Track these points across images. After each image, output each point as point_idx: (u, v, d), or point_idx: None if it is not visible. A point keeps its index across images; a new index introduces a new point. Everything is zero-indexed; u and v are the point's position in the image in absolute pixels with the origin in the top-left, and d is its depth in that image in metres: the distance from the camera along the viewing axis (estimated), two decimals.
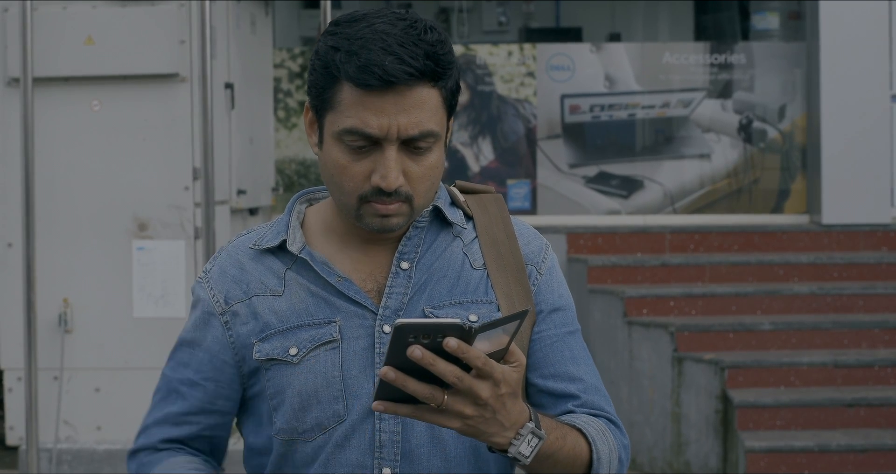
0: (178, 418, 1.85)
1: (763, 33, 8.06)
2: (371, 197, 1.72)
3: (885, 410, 6.06)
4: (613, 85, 7.76)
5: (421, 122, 1.69)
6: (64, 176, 5.80)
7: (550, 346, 1.84)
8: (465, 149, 7.73)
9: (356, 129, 1.69)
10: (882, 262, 6.97)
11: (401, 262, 1.81)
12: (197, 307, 1.86)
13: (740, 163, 7.72)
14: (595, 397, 1.85)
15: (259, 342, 1.80)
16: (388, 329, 1.77)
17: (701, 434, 6.25)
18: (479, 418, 1.54)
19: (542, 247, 1.89)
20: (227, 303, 1.82)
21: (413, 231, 1.82)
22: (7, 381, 5.94)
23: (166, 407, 1.86)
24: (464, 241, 1.85)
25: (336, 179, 1.74)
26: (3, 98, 5.84)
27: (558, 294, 1.88)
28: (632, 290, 6.71)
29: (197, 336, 1.85)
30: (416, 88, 1.68)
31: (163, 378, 1.87)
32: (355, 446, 1.76)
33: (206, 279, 1.86)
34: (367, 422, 1.76)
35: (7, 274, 5.83)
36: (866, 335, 6.48)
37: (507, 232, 1.87)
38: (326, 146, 1.75)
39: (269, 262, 1.84)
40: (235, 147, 6.34)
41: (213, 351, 1.83)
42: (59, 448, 5.76)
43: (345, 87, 1.69)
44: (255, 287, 1.82)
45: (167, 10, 5.75)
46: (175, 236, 5.74)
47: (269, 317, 1.80)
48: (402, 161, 1.71)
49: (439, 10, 10.31)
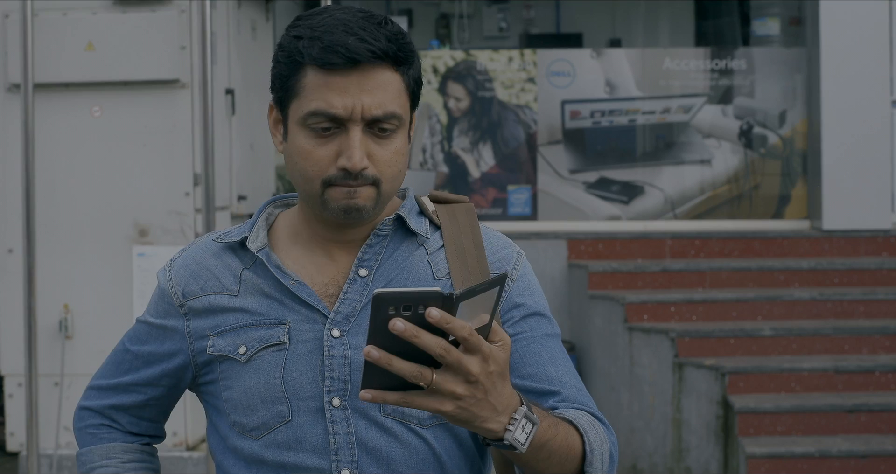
0: (128, 387, 1.94)
1: (763, 39, 8.07)
2: (336, 180, 1.73)
3: (886, 416, 6.05)
4: (614, 91, 7.76)
5: (384, 103, 1.71)
6: (64, 182, 5.81)
7: (528, 348, 1.82)
8: (465, 155, 7.73)
9: (321, 111, 1.71)
10: (883, 268, 6.96)
11: (359, 269, 1.81)
12: (157, 293, 1.92)
13: (741, 168, 7.72)
14: (577, 395, 1.81)
15: (214, 336, 1.83)
16: (336, 333, 1.77)
17: (702, 439, 6.25)
18: (471, 399, 1.46)
19: (513, 256, 1.87)
20: (185, 296, 1.86)
21: (375, 239, 1.82)
22: (7, 387, 5.93)
23: (118, 375, 1.95)
24: (428, 250, 1.85)
25: (300, 166, 1.75)
26: (4, 104, 5.85)
27: (533, 300, 1.86)
28: (632, 296, 6.71)
29: (156, 320, 1.90)
30: (378, 69, 1.71)
31: (121, 344, 1.96)
32: (308, 449, 1.76)
33: (169, 269, 1.90)
34: (319, 425, 1.76)
35: (7, 280, 5.84)
36: (867, 341, 6.48)
37: (475, 241, 1.86)
38: (291, 136, 1.76)
39: (229, 260, 1.86)
40: (236, 153, 6.35)
41: (168, 337, 1.89)
42: (59, 454, 5.76)
43: (308, 71, 1.72)
44: (211, 285, 1.85)
45: (167, 16, 5.75)
46: (176, 242, 5.74)
47: (222, 314, 1.83)
48: (366, 144, 1.72)
49: (440, 15, 10.32)
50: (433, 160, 7.71)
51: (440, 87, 7.77)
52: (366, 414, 1.76)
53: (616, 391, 6.66)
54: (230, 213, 6.15)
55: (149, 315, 1.92)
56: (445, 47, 8.53)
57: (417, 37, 9.69)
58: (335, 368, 1.76)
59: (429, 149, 7.72)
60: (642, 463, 6.49)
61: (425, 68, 7.70)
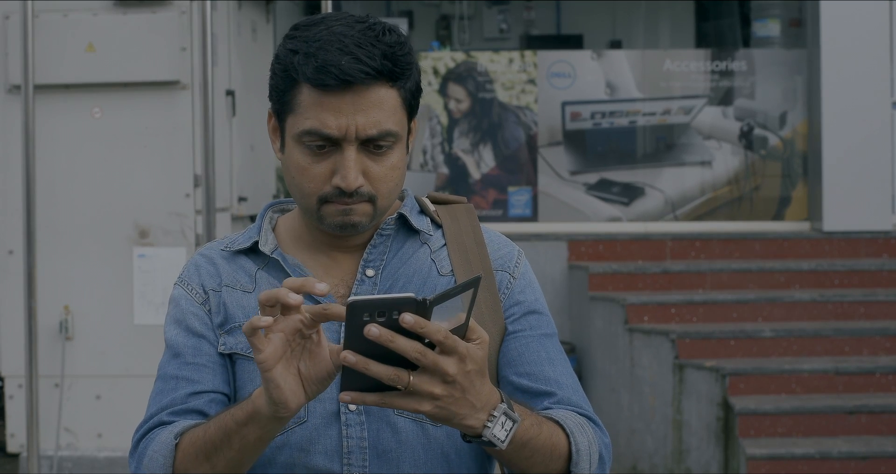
0: (181, 401, 1.77)
1: (764, 40, 8.07)
2: (332, 198, 1.73)
3: (887, 417, 6.05)
4: (614, 92, 7.76)
5: (379, 122, 1.71)
6: (65, 183, 5.81)
7: (527, 346, 1.83)
8: (466, 157, 7.73)
9: (315, 130, 1.71)
10: (883, 269, 6.96)
11: (366, 270, 1.82)
12: (173, 309, 1.85)
13: (741, 170, 7.72)
14: (573, 396, 1.82)
15: (225, 334, 1.81)
16: None
17: (702, 441, 6.25)
18: (448, 398, 1.48)
19: (514, 254, 1.89)
20: (206, 293, 1.83)
21: (378, 239, 1.83)
22: (8, 389, 5.93)
23: (165, 397, 1.78)
24: (431, 248, 1.86)
25: (297, 181, 1.75)
26: (5, 105, 5.85)
27: (534, 297, 1.88)
28: (633, 297, 6.71)
29: (190, 327, 1.82)
30: (373, 88, 1.70)
31: (157, 379, 1.83)
32: (321, 451, 1.75)
33: (181, 280, 1.86)
34: (333, 428, 1.75)
35: (8, 281, 5.84)
36: (867, 342, 6.47)
37: (476, 240, 1.87)
38: (288, 149, 1.76)
39: (242, 262, 1.85)
40: (236, 154, 6.35)
41: (206, 336, 1.81)
42: (59, 455, 5.76)
43: (303, 88, 1.71)
44: (227, 279, 1.84)
45: (168, 18, 5.75)
46: (176, 243, 5.74)
47: (234, 310, 1.81)
48: (361, 161, 1.72)
49: (440, 17, 10.33)
50: (433, 161, 7.71)
51: (440, 88, 7.77)
52: (379, 416, 1.76)
53: (616, 392, 6.66)
54: (230, 215, 6.15)
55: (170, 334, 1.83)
56: (446, 49, 8.53)
57: (418, 38, 9.69)
58: None
59: (429, 150, 7.71)
60: (643, 465, 6.48)
61: (426, 70, 7.70)
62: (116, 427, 5.72)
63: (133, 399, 5.65)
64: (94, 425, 5.80)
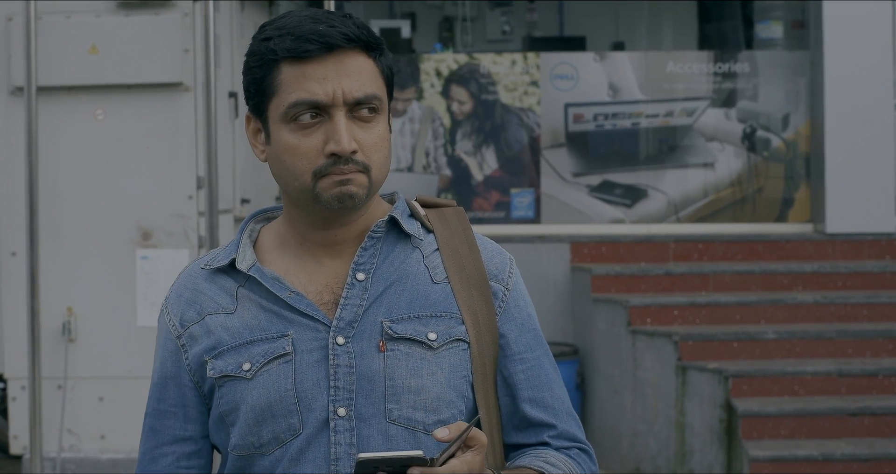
0: (153, 452, 1.88)
1: (767, 42, 8.07)
2: (327, 169, 1.73)
3: (890, 419, 6.05)
4: (617, 94, 7.76)
5: (364, 85, 1.73)
6: (67, 185, 5.81)
7: (531, 369, 1.87)
8: (468, 158, 7.73)
9: (302, 100, 1.72)
10: (886, 271, 6.96)
11: (357, 273, 1.80)
12: (159, 337, 1.90)
13: (744, 171, 7.72)
14: (569, 425, 1.88)
15: (212, 359, 1.81)
16: (341, 340, 1.77)
17: (705, 443, 6.24)
18: None
19: (506, 263, 1.89)
20: (183, 326, 1.84)
21: (369, 241, 1.82)
22: (11, 390, 5.93)
23: (144, 444, 1.89)
24: (423, 253, 1.85)
25: (288, 164, 1.75)
26: (7, 107, 5.85)
27: (527, 312, 1.89)
28: (636, 299, 6.71)
29: (163, 366, 1.87)
30: (353, 54, 1.73)
31: (144, 416, 1.91)
32: (310, 459, 1.76)
33: (165, 306, 1.89)
34: (323, 435, 1.76)
35: (11, 283, 5.84)
36: (870, 344, 6.47)
37: (469, 245, 1.87)
38: (274, 137, 1.77)
39: (222, 281, 1.85)
40: (239, 156, 6.35)
41: (177, 377, 1.85)
42: (62, 457, 5.76)
43: (283, 67, 1.73)
44: (207, 306, 1.84)
45: (171, 19, 5.76)
46: (179, 245, 5.74)
47: (221, 333, 1.81)
48: (352, 129, 1.73)
49: (443, 18, 10.33)
50: (436, 163, 7.71)
51: (443, 90, 7.77)
52: (371, 422, 1.76)
53: (619, 394, 6.66)
54: (233, 217, 6.15)
55: (155, 365, 1.89)
56: (449, 50, 8.53)
57: (421, 40, 9.70)
58: (340, 377, 1.76)
59: (432, 152, 7.71)
60: (645, 467, 6.48)
61: (428, 72, 7.71)
62: (119, 428, 5.72)
63: (136, 400, 5.64)
64: (97, 427, 5.80)
